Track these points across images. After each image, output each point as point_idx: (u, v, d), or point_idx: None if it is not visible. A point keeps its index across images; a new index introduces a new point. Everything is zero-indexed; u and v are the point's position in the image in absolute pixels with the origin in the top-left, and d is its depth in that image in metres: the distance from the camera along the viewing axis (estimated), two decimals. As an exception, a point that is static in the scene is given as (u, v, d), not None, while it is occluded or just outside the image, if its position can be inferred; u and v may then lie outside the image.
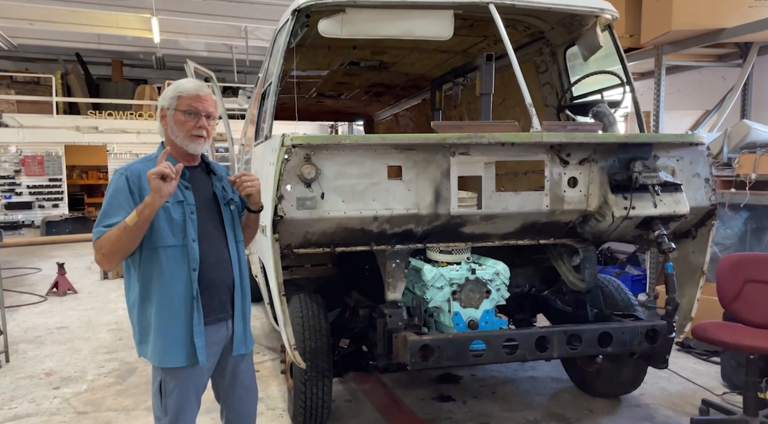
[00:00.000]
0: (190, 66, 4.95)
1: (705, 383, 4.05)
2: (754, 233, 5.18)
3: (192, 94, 2.20)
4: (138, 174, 2.14)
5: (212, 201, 2.30)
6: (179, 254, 2.14)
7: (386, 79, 6.17)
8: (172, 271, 2.13)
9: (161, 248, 2.12)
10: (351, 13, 3.26)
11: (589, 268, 3.35)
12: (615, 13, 3.67)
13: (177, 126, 2.20)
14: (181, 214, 2.16)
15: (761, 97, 5.98)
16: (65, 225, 13.77)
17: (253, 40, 14.68)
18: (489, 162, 2.91)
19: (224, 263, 2.27)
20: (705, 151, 3.19)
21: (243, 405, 2.43)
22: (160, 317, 2.13)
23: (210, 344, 2.21)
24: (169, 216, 2.14)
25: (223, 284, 2.26)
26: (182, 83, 2.24)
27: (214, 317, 2.23)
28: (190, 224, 2.17)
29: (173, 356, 2.14)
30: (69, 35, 14.52)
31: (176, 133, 2.20)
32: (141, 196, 2.09)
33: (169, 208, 2.14)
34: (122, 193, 2.11)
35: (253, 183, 2.28)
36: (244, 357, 2.39)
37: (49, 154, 14.42)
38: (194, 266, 2.15)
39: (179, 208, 2.16)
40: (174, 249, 2.14)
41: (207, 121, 2.22)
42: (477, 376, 4.30)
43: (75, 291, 7.53)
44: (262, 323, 5.87)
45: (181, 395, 2.19)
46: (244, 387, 2.41)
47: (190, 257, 2.15)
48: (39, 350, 5.15)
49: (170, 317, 2.13)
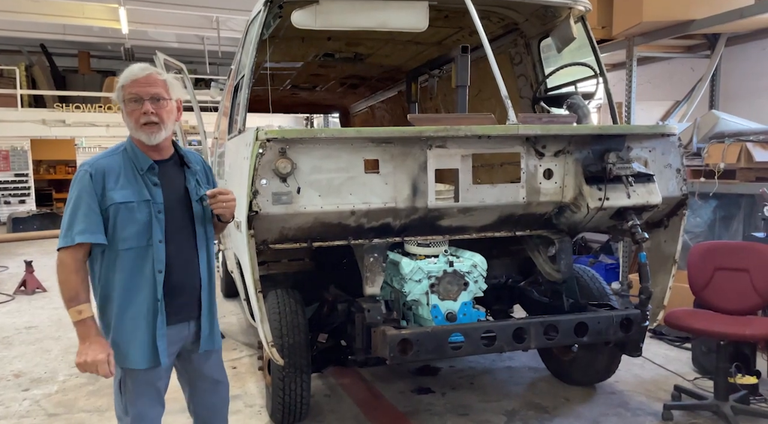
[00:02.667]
0: (160, 58, 4.84)
1: (677, 369, 4.14)
2: (722, 221, 5.30)
3: (130, 80, 2.06)
4: (103, 171, 2.05)
5: (183, 197, 2.21)
6: (143, 255, 2.07)
7: (361, 71, 6.12)
8: (136, 273, 2.07)
9: (123, 251, 2.06)
10: (325, 4, 3.22)
11: (565, 258, 3.38)
12: (588, 4, 3.69)
13: (128, 117, 2.09)
14: (147, 214, 2.07)
15: (729, 87, 6.11)
16: (33, 221, 13.41)
17: (225, 30, 14.46)
18: (466, 155, 2.91)
19: (191, 263, 2.20)
20: (676, 142, 3.24)
21: (213, 397, 2.38)
22: (122, 318, 2.09)
23: (170, 344, 2.17)
24: (132, 217, 2.05)
25: (190, 285, 2.20)
26: (125, 73, 2.09)
27: (177, 317, 2.17)
28: (156, 225, 2.08)
29: (134, 358, 2.11)
30: (33, 26, 14.09)
31: (129, 125, 2.11)
32: (104, 196, 2.03)
33: (134, 208, 2.05)
34: (87, 194, 2.02)
35: (228, 205, 2.20)
36: (211, 354, 2.34)
37: (15, 148, 14.05)
38: (159, 267, 2.08)
39: (145, 208, 2.07)
40: (137, 250, 2.07)
41: (156, 104, 2.07)
42: (455, 367, 4.32)
43: (44, 289, 7.34)
44: (239, 318, 5.81)
45: (140, 395, 2.16)
46: (214, 381, 2.37)
47: (155, 259, 2.07)
48: (7, 350, 5.01)
49: (132, 318, 2.09)
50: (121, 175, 2.07)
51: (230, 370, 4.39)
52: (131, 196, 2.06)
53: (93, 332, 2.03)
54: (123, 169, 2.08)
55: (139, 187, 2.08)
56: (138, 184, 2.08)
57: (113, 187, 2.04)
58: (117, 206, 2.04)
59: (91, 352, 2.01)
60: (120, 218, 2.03)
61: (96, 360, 2.00)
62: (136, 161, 2.11)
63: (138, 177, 2.09)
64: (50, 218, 13.70)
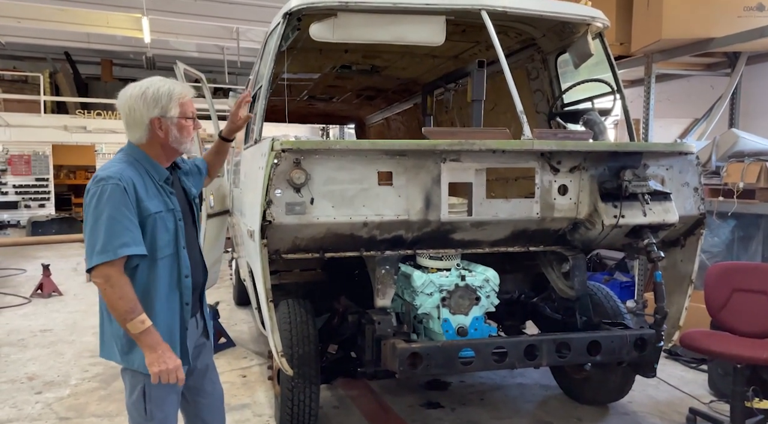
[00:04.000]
0: (180, 67, 4.91)
1: (692, 391, 4.06)
2: (741, 242, 5.22)
3: (188, 98, 2.18)
4: (132, 183, 2.04)
5: (185, 199, 2.31)
6: (172, 263, 2.13)
7: (378, 83, 6.16)
8: (166, 280, 2.11)
9: (160, 260, 2.10)
10: (343, 17, 3.24)
11: (579, 275, 3.34)
12: (606, 21, 3.69)
13: (181, 132, 2.15)
14: (173, 222, 2.14)
15: (749, 106, 6.03)
16: (51, 225, 13.61)
17: (244, 41, 14.63)
18: (480, 169, 2.90)
19: (199, 262, 2.30)
20: (694, 160, 3.20)
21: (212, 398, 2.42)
22: (158, 325, 2.08)
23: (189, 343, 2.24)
24: (165, 226, 2.11)
25: (200, 282, 2.31)
26: (175, 89, 2.14)
27: (191, 315, 2.25)
28: (180, 232, 2.15)
29: None
30: (58, 34, 14.37)
31: (181, 140, 2.16)
32: (139, 207, 2.03)
33: (164, 218, 2.11)
34: (124, 207, 1.98)
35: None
36: (209, 350, 2.43)
37: (36, 153, 14.27)
38: (186, 272, 2.15)
39: (171, 217, 2.13)
40: (168, 258, 2.12)
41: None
42: (465, 382, 4.28)
43: (60, 293, 7.42)
44: (250, 327, 5.82)
45: (165, 398, 2.17)
46: (211, 382, 2.42)
47: (181, 264, 2.14)
48: (22, 353, 5.07)
49: (167, 324, 2.11)
50: (145, 186, 2.09)
51: (240, 379, 4.39)
52: (160, 205, 2.11)
53: (159, 339, 2.02)
54: (144, 181, 2.11)
55: (162, 198, 2.13)
56: (160, 194, 2.14)
57: (145, 198, 2.07)
58: (154, 217, 2.07)
59: (168, 360, 2.00)
60: (157, 227, 2.07)
61: (176, 365, 2.02)
62: (155, 172, 2.15)
63: (158, 187, 2.14)
64: (68, 222, 13.90)
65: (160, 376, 2.00)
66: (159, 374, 1.99)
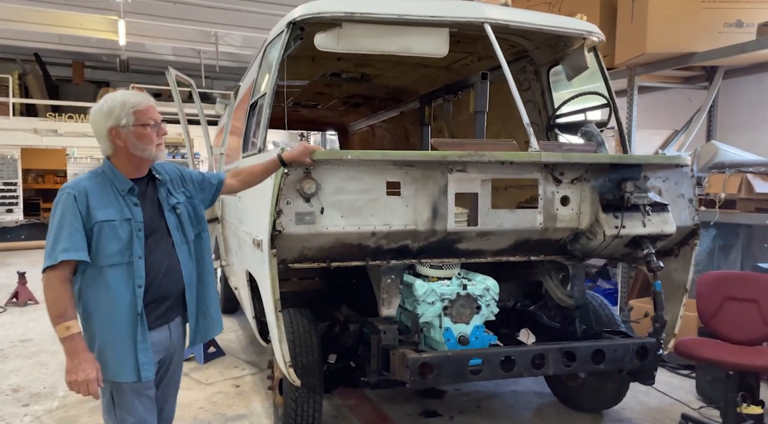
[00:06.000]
0: (172, 74, 4.84)
1: (681, 397, 4.16)
2: (721, 250, 5.38)
3: (146, 106, 2.21)
4: (85, 192, 2.13)
5: (158, 209, 2.31)
6: (124, 272, 2.15)
7: (366, 91, 6.17)
8: (118, 289, 2.14)
9: (107, 267, 2.13)
10: (347, 27, 3.25)
11: (578, 285, 3.42)
12: (601, 35, 3.78)
13: (141, 141, 2.20)
14: (129, 232, 2.17)
15: (726, 119, 6.24)
16: (20, 231, 13.24)
17: (222, 45, 14.50)
18: (486, 179, 2.95)
19: (173, 270, 2.29)
20: (689, 172, 3.30)
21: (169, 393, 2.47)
22: (104, 333, 2.14)
23: (155, 352, 2.24)
24: (116, 235, 2.14)
25: (172, 291, 2.30)
26: (129, 99, 2.22)
27: (160, 321, 2.26)
28: (136, 242, 2.17)
29: (120, 371, 2.14)
30: (28, 35, 14.00)
31: (142, 147, 2.21)
32: (89, 215, 2.10)
33: (116, 227, 2.15)
34: (70, 214, 2.10)
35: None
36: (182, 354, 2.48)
37: (4, 157, 13.84)
38: (139, 283, 2.17)
39: (127, 227, 2.17)
40: (120, 267, 2.14)
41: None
42: (461, 390, 4.31)
43: (36, 301, 7.21)
44: (238, 335, 5.75)
45: (135, 404, 2.20)
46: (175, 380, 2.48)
47: (135, 274, 2.16)
48: (2, 364, 4.90)
49: (114, 333, 2.14)
50: (102, 196, 2.16)
51: (233, 388, 4.33)
52: (114, 214, 2.16)
53: (81, 348, 2.06)
54: (104, 190, 2.18)
55: (120, 207, 2.18)
56: (119, 204, 2.18)
57: (97, 206, 2.13)
58: (101, 224, 2.12)
59: (81, 371, 2.02)
60: (103, 235, 2.12)
61: (87, 379, 2.03)
62: (117, 183, 2.21)
63: (119, 198, 2.19)
64: (38, 228, 13.51)
65: (71, 386, 2.03)
66: (69, 383, 2.03)
